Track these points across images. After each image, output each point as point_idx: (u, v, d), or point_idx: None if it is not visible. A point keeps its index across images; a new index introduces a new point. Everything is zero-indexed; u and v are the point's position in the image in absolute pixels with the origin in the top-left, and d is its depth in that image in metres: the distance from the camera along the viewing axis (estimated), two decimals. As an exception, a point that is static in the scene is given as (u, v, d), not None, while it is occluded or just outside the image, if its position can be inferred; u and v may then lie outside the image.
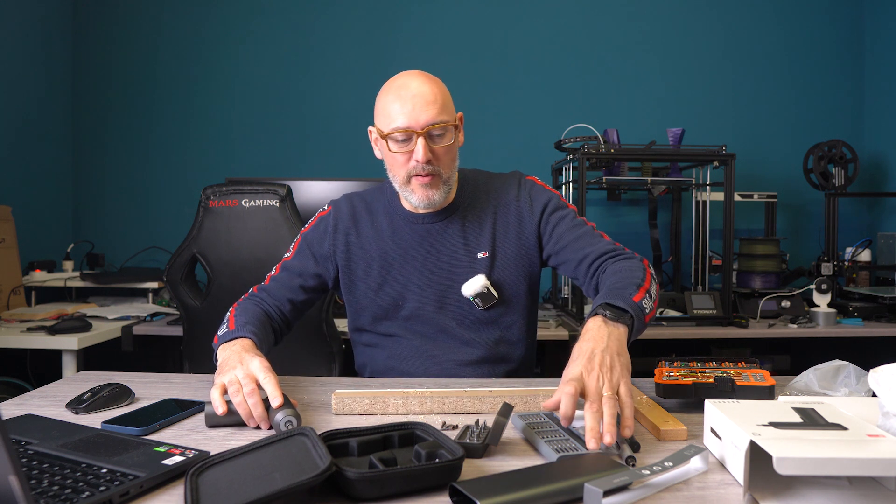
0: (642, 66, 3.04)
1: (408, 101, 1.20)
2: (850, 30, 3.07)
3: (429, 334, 1.34)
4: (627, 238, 3.01)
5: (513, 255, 1.34)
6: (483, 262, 1.33)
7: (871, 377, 0.81)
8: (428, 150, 1.21)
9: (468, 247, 1.33)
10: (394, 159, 1.25)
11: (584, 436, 0.85)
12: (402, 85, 1.23)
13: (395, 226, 1.35)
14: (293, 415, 0.93)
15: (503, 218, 1.35)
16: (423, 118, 1.20)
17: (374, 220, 1.37)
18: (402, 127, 1.20)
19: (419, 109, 1.20)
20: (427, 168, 1.23)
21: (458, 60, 3.03)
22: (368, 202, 1.40)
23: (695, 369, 1.10)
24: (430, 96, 1.21)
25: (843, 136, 2.78)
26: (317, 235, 1.38)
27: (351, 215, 1.37)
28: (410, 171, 1.24)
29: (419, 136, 1.20)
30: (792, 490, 0.73)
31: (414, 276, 1.33)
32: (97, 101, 3.07)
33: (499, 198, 1.36)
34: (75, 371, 2.03)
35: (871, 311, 2.41)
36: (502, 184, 1.38)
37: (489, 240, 1.34)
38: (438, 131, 1.22)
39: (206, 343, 1.81)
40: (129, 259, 2.93)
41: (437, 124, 1.21)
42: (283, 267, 1.37)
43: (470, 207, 1.36)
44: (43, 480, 0.73)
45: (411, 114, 1.20)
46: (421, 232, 1.34)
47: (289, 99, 3.04)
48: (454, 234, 1.34)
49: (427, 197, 1.26)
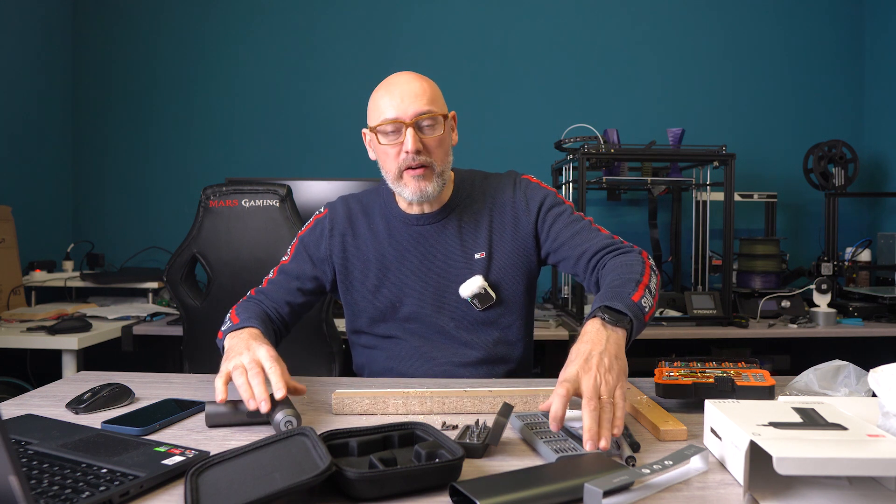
0: (642, 66, 3.04)
1: (396, 95, 1.23)
2: (850, 30, 3.07)
3: (427, 336, 1.33)
4: (627, 238, 2.97)
5: (510, 256, 1.34)
6: (480, 263, 1.32)
7: (871, 377, 0.81)
8: (417, 141, 1.22)
9: (465, 248, 1.33)
10: (385, 154, 1.26)
11: (582, 436, 0.85)
12: (391, 82, 1.26)
13: (392, 227, 1.35)
14: (293, 415, 0.93)
15: (499, 218, 1.34)
16: (412, 109, 1.21)
17: (370, 221, 1.37)
18: (391, 118, 1.22)
19: (407, 101, 1.22)
20: (418, 159, 1.23)
21: (457, 61, 3.04)
22: (364, 204, 1.39)
23: (695, 369, 1.10)
24: (419, 90, 1.23)
25: (843, 136, 2.78)
26: (313, 238, 1.37)
27: (347, 217, 1.37)
28: (401, 165, 1.24)
29: (408, 127, 1.21)
30: (792, 490, 0.73)
31: (411, 277, 1.33)
32: (97, 101, 3.07)
33: (495, 198, 1.36)
34: (75, 371, 2.03)
35: (871, 311, 2.41)
36: (498, 183, 1.38)
37: (486, 240, 1.33)
38: (428, 122, 1.23)
39: (207, 343, 1.81)
40: (129, 259, 2.93)
41: (425, 114, 1.22)
42: (281, 270, 1.37)
43: (466, 208, 1.35)
44: (43, 480, 0.73)
45: (400, 105, 1.22)
46: (417, 233, 1.34)
47: (289, 99, 3.04)
48: (451, 235, 1.33)
49: (420, 189, 1.25)
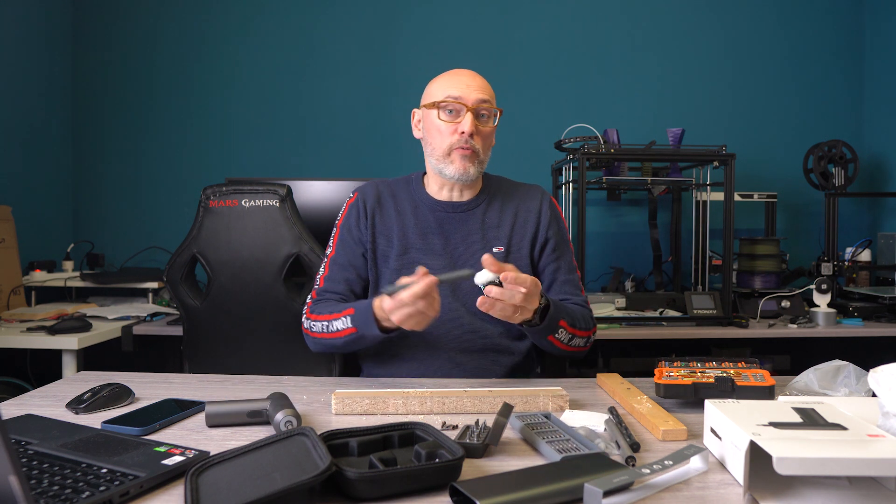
0: (642, 66, 3.04)
1: (462, 81, 1.35)
2: (851, 30, 3.07)
3: (436, 321, 1.35)
4: (627, 238, 3.02)
5: (525, 257, 1.41)
6: (498, 257, 1.35)
7: (871, 377, 0.81)
8: (473, 125, 1.32)
9: (486, 240, 1.40)
10: (438, 130, 1.35)
11: (582, 436, 0.85)
12: (458, 71, 1.39)
13: (419, 210, 1.42)
14: (293, 415, 0.93)
15: (522, 220, 1.43)
16: (475, 96, 1.33)
17: (397, 203, 1.44)
18: (455, 96, 1.33)
19: (472, 89, 1.34)
20: (470, 142, 1.33)
21: (458, 61, 3.00)
22: (393, 188, 1.47)
23: (695, 369, 1.10)
24: (483, 83, 1.37)
25: (843, 136, 2.78)
26: (352, 221, 1.44)
27: (376, 198, 1.44)
28: (453, 143, 1.34)
29: (469, 111, 1.32)
30: (792, 490, 0.73)
31: (431, 259, 1.38)
32: (97, 101, 3.06)
33: (521, 203, 1.45)
34: (75, 371, 2.03)
35: (871, 311, 2.41)
36: (527, 191, 1.47)
37: (506, 237, 1.40)
38: (485, 112, 1.35)
39: (207, 343, 1.81)
40: (129, 259, 2.93)
41: (486, 103, 1.34)
42: (332, 263, 1.43)
43: (491, 204, 1.44)
44: (43, 480, 0.73)
45: (466, 90, 1.33)
46: (442, 219, 1.41)
47: (288, 99, 3.04)
48: (474, 226, 1.41)
49: (464, 168, 1.34)
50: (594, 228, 2.98)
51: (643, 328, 2.27)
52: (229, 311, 1.78)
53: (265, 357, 1.78)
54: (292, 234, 1.76)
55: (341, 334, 1.28)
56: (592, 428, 0.93)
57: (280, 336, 1.77)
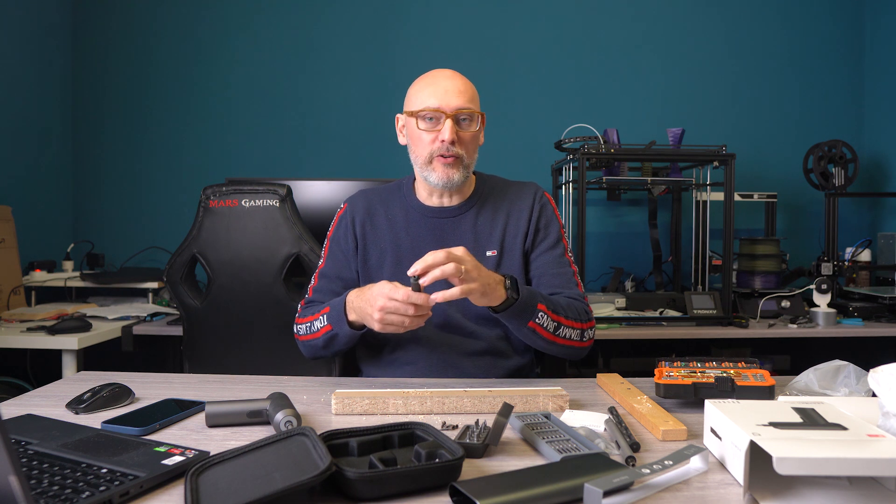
0: (642, 66, 3.04)
1: (441, 87, 1.32)
2: (851, 30, 3.07)
3: (435, 323, 1.35)
4: (627, 238, 3.01)
5: (518, 258, 1.39)
6: (491, 261, 1.37)
7: (871, 377, 0.81)
8: (454, 132, 1.30)
9: (478, 244, 1.38)
10: (419, 138, 1.33)
11: (582, 436, 0.85)
12: (436, 74, 1.35)
13: (410, 218, 1.41)
14: (293, 415, 0.93)
15: (515, 220, 1.40)
16: (454, 103, 1.30)
17: (388, 211, 1.43)
18: (433, 107, 1.30)
19: (451, 94, 1.31)
20: (451, 149, 1.31)
21: (457, 60, 3.03)
22: (383, 196, 1.46)
23: (695, 369, 1.10)
24: (462, 86, 1.33)
25: (843, 136, 2.78)
26: (340, 234, 1.43)
27: (366, 208, 1.43)
28: (434, 151, 1.32)
29: (447, 118, 1.30)
30: (792, 490, 0.73)
31: None
32: (97, 100, 3.06)
33: (514, 203, 1.42)
34: (75, 371, 2.03)
35: (871, 311, 2.41)
36: (519, 190, 1.45)
37: (499, 239, 1.39)
38: (465, 116, 1.32)
39: (207, 343, 1.81)
40: (129, 259, 2.93)
41: (465, 109, 1.31)
42: (321, 276, 1.43)
43: (483, 207, 1.42)
44: (43, 480, 0.73)
45: (443, 97, 1.30)
46: (434, 225, 1.40)
47: (288, 99, 3.04)
48: (466, 230, 1.39)
49: (447, 176, 1.33)
50: (594, 228, 2.98)
51: (643, 328, 2.27)
52: (229, 311, 1.78)
53: (265, 357, 1.78)
54: (292, 234, 1.76)
55: (319, 334, 1.29)
56: (592, 428, 0.93)
57: (280, 336, 1.77)
